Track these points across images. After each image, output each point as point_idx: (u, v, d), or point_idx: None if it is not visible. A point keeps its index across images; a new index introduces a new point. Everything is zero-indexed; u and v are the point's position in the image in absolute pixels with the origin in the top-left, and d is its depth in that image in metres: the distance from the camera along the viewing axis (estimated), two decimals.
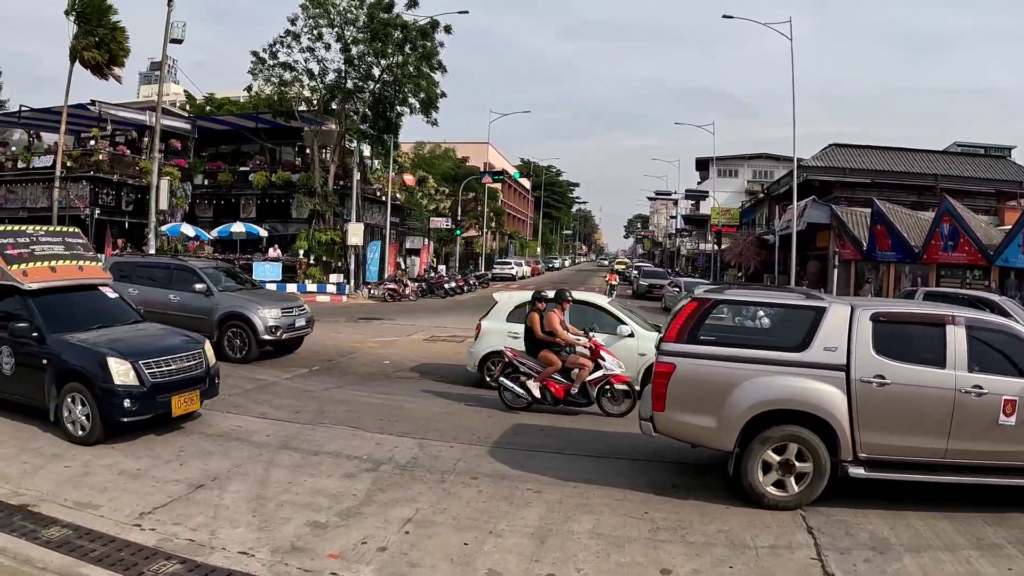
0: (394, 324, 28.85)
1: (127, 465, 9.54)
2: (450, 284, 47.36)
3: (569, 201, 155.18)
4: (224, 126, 47.44)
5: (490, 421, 12.69)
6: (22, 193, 40.68)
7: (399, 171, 53.73)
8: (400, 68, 40.75)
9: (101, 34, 35.76)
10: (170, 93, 70.34)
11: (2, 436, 10.82)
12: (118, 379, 10.12)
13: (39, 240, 12.19)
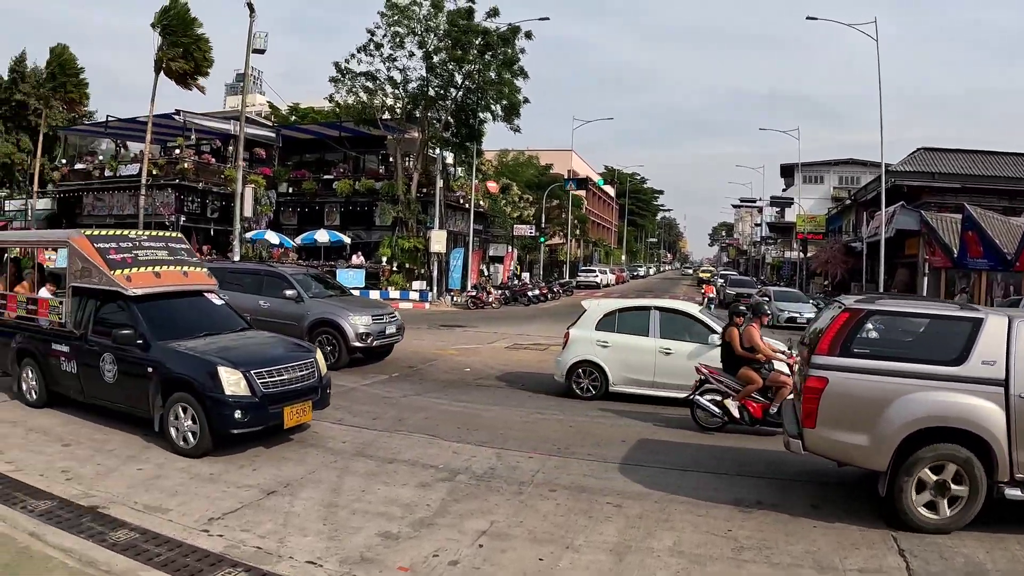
0: (476, 331, 28.77)
1: (200, 469, 9.57)
2: (534, 292, 47.04)
3: (653, 209, 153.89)
4: (308, 135, 48.23)
5: (570, 431, 12.48)
6: (109, 200, 41.88)
7: (482, 178, 53.70)
8: (481, 75, 41.05)
9: (185, 44, 36.93)
10: (256, 104, 71.68)
11: (79, 437, 10.98)
12: (229, 389, 9.82)
13: (142, 245, 12.21)
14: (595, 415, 13.79)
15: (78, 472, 9.26)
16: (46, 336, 12.18)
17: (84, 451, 10.26)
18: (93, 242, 11.59)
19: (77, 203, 43.51)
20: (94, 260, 11.35)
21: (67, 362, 11.67)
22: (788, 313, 32.61)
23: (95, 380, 11.18)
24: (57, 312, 11.89)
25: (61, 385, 12.02)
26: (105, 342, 10.90)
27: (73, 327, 11.55)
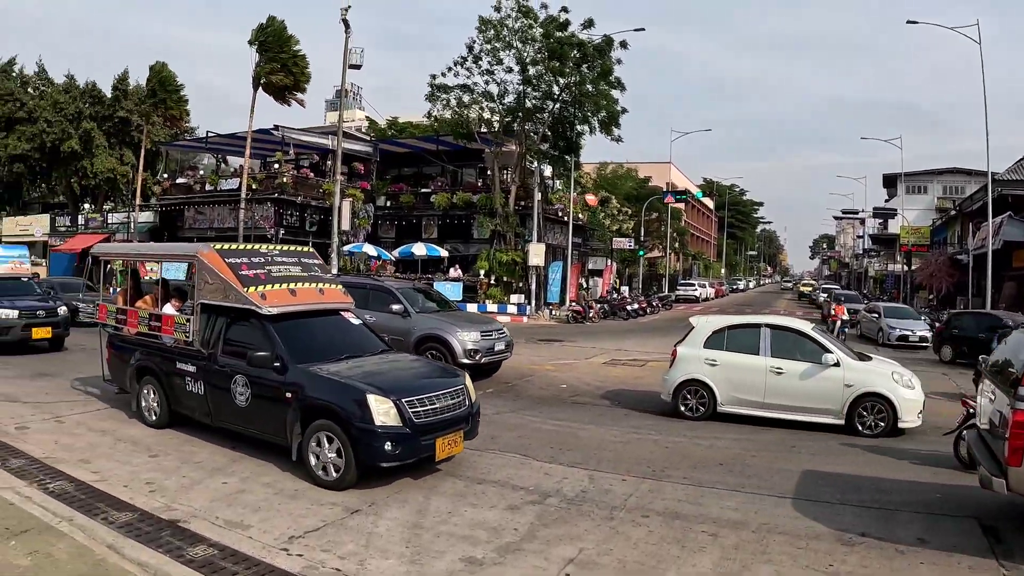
0: (574, 346, 28.14)
1: (285, 484, 9.43)
2: (633, 306, 46.06)
3: (753, 221, 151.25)
4: (406, 149, 48.22)
5: (666, 453, 11.94)
6: (210, 214, 42.93)
7: (581, 191, 52.99)
8: (578, 87, 40.35)
9: (283, 60, 37.49)
10: (355, 119, 72.32)
11: (167, 448, 10.96)
12: (379, 419, 9.01)
13: (274, 260, 11.63)
14: (692, 435, 13.19)
15: (162, 484, 9.23)
16: (170, 354, 11.63)
17: (171, 462, 10.22)
18: (224, 257, 11.02)
19: (179, 216, 44.59)
20: (225, 276, 10.74)
21: (193, 383, 11.11)
22: (899, 331, 30.77)
23: (225, 403, 10.58)
24: (184, 330, 11.30)
25: (185, 406, 11.50)
26: (236, 363, 10.35)
27: (201, 346, 10.96)
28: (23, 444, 10.94)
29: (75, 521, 7.72)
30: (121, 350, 12.86)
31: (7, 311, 20.21)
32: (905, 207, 67.22)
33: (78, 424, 12.43)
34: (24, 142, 57.78)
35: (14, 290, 21.76)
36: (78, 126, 56.13)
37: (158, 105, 46.57)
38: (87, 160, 56.68)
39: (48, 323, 20.91)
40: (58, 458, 10.21)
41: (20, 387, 15.81)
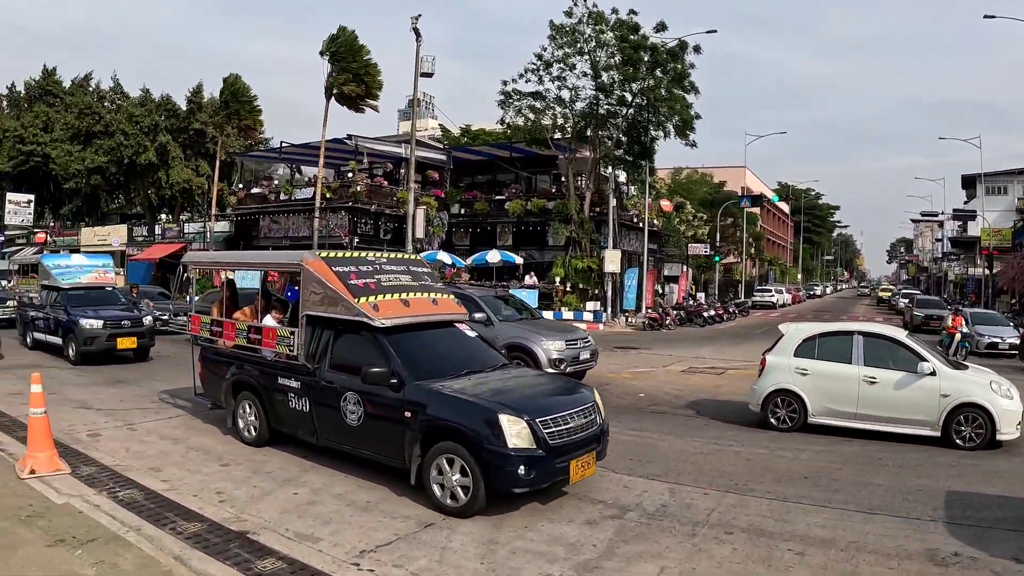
0: (651, 354, 27.39)
1: (357, 496, 9.27)
2: (709, 312, 45.31)
3: (829, 225, 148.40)
4: (479, 156, 47.92)
5: (748, 465, 11.45)
6: (285, 223, 43.24)
7: (656, 197, 52.32)
8: (652, 91, 39.59)
9: (355, 70, 37.63)
10: (428, 128, 72.66)
11: (238, 457, 10.95)
12: (511, 441, 8.30)
13: (383, 269, 10.97)
14: (775, 447, 12.66)
15: (232, 494, 9.20)
16: (270, 369, 11.07)
17: (241, 472, 10.19)
18: (331, 265, 10.40)
19: (253, 226, 45.03)
20: (334, 286, 10.11)
21: (296, 399, 10.51)
22: (988, 338, 29.09)
23: (333, 422, 9.94)
24: (287, 343, 10.67)
25: (287, 424, 10.93)
26: (347, 379, 9.71)
27: (306, 360, 10.33)
28: (94, 451, 11.03)
29: (143, 531, 7.71)
30: (215, 364, 12.40)
31: (92, 321, 20.32)
32: (985, 208, 65.38)
33: (150, 432, 12.52)
34: (102, 155, 59.19)
35: (99, 300, 21.94)
36: (154, 139, 57.33)
37: (232, 117, 47.21)
38: (163, 172, 57.90)
39: (133, 333, 20.91)
40: (128, 466, 10.29)
41: (95, 394, 16.05)
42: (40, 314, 22.59)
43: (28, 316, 23.60)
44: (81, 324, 20.21)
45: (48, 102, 70.69)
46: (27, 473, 9.44)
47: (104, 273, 23.28)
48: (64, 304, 21.35)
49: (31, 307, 23.89)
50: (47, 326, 21.99)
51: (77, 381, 17.83)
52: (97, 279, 22.84)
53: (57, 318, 21.36)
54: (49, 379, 16.78)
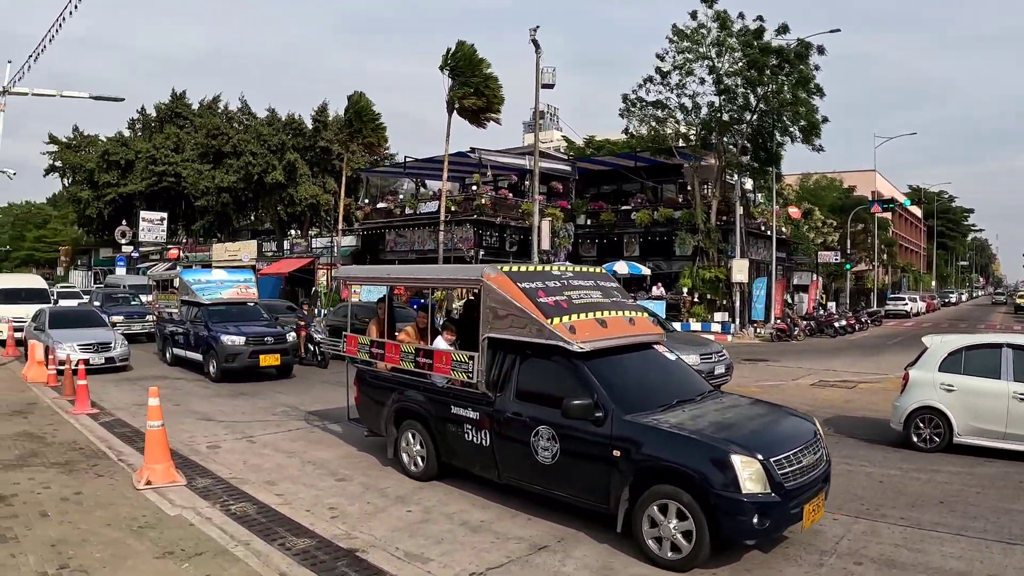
0: (780, 366, 26.44)
1: (471, 515, 9.06)
2: (840, 322, 43.59)
3: (964, 229, 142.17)
4: (604, 166, 47.31)
5: (880, 488, 10.83)
6: (410, 237, 43.48)
7: (783, 204, 50.70)
8: (776, 96, 38.54)
9: (475, 84, 37.74)
10: (552, 140, 72.88)
11: (354, 472, 10.91)
12: (745, 484, 7.17)
13: (571, 284, 9.78)
14: (908, 468, 11.93)
15: (345, 510, 9.17)
16: (442, 397, 10.00)
17: (356, 488, 10.14)
18: (516, 281, 9.24)
19: (380, 240, 45.44)
20: (521, 304, 8.95)
21: (474, 432, 9.42)
22: None
23: (520, 459, 8.83)
24: (464, 369, 9.53)
25: (460, 458, 9.89)
26: (537, 411, 8.66)
27: (487, 389, 9.20)
28: (212, 463, 11.26)
29: (251, 545, 7.72)
30: (374, 388, 11.46)
31: (234, 337, 19.92)
32: None
33: (268, 445, 12.68)
34: (231, 174, 61.12)
35: (240, 316, 21.64)
36: (282, 157, 58.90)
37: (356, 134, 47.91)
38: (291, 189, 59.39)
39: (276, 350, 20.43)
40: (244, 479, 10.44)
41: (218, 406, 16.42)
42: (180, 329, 22.51)
43: (167, 331, 23.52)
44: (223, 341, 19.82)
45: (178, 124, 73.27)
46: (143, 484, 9.62)
47: (246, 288, 23.08)
48: (205, 320, 21.06)
49: (170, 322, 23.73)
50: (187, 342, 21.80)
51: (202, 393, 18.25)
52: (238, 294, 22.70)
53: (198, 334, 21.08)
54: (174, 391, 18.29)
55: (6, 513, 8.57)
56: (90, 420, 14.21)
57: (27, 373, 19.72)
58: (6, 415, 14.66)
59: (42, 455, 11.37)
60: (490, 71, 38.57)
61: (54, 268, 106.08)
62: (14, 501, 9.02)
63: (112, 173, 71.64)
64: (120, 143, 73.78)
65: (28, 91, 23.62)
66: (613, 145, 55.76)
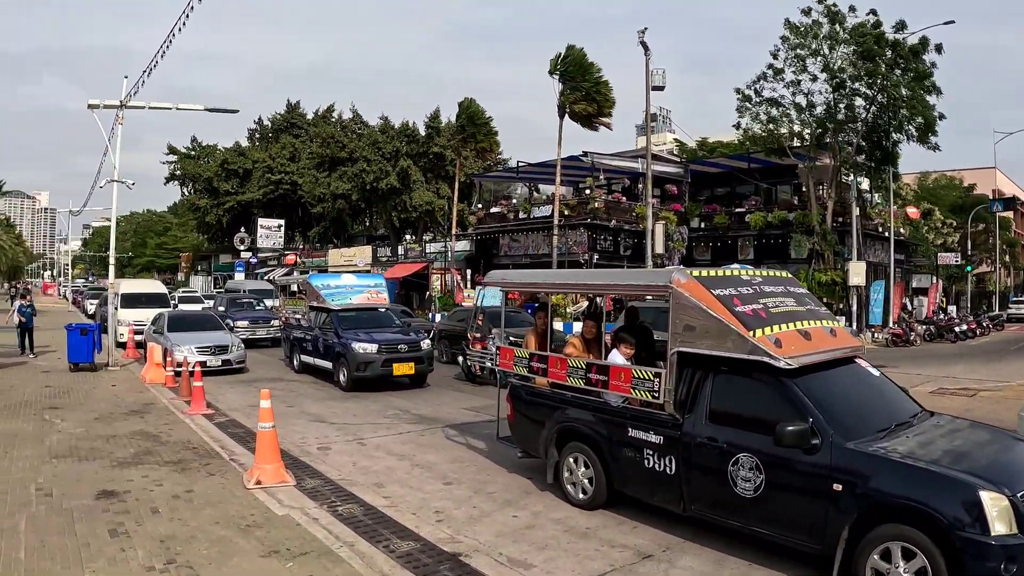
0: (898, 372, 23.98)
1: (577, 522, 8.90)
2: (961, 327, 41.93)
3: None
4: (717, 168, 46.68)
5: None
6: (524, 241, 43.41)
7: (900, 204, 49.23)
8: (892, 92, 37.38)
9: (585, 88, 37.43)
10: (665, 142, 72.63)
11: (462, 476, 10.91)
12: (995, 525, 6.10)
13: (764, 291, 8.70)
14: None
15: (451, 514, 9.11)
16: (618, 418, 9.02)
17: (463, 491, 10.09)
18: (709, 287, 8.22)
19: (494, 244, 45.57)
20: (718, 314, 7.90)
21: (657, 458, 8.40)
22: None
23: (714, 490, 7.81)
24: (648, 387, 8.52)
25: (636, 485, 8.89)
26: (734, 436, 7.69)
27: (675, 410, 8.23)
28: (322, 465, 11.40)
29: (356, 547, 7.72)
30: (532, 406, 10.43)
31: (366, 345, 19.15)
32: None
33: (378, 447, 12.74)
34: (346, 181, 62.67)
35: (371, 322, 20.87)
36: (396, 164, 60.11)
37: (469, 140, 47.84)
38: (406, 195, 60.61)
39: (411, 358, 19.45)
40: (353, 480, 10.54)
41: (330, 408, 16.67)
42: (308, 336, 21.92)
43: (295, 338, 22.94)
44: (354, 348, 19.03)
45: (293, 134, 75.40)
46: (253, 483, 9.80)
47: (377, 294, 22.28)
48: (335, 326, 20.28)
49: (298, 329, 23.32)
50: (316, 349, 21.20)
51: (315, 395, 18.57)
52: (369, 300, 21.92)
53: (327, 341, 20.40)
54: (288, 393, 18.71)
55: (119, 509, 8.83)
56: (205, 420, 14.62)
57: (146, 374, 20.26)
58: (124, 414, 15.10)
59: (156, 453, 11.69)
60: (600, 75, 38.17)
61: (175, 273, 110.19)
62: (127, 497, 9.28)
63: (231, 182, 74.26)
64: (238, 153, 76.43)
65: (145, 105, 24.07)
66: (725, 147, 54.88)
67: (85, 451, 11.83)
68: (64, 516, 8.56)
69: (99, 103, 23.77)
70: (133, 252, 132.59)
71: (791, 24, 38.75)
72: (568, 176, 43.29)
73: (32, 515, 8.59)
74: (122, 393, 18.06)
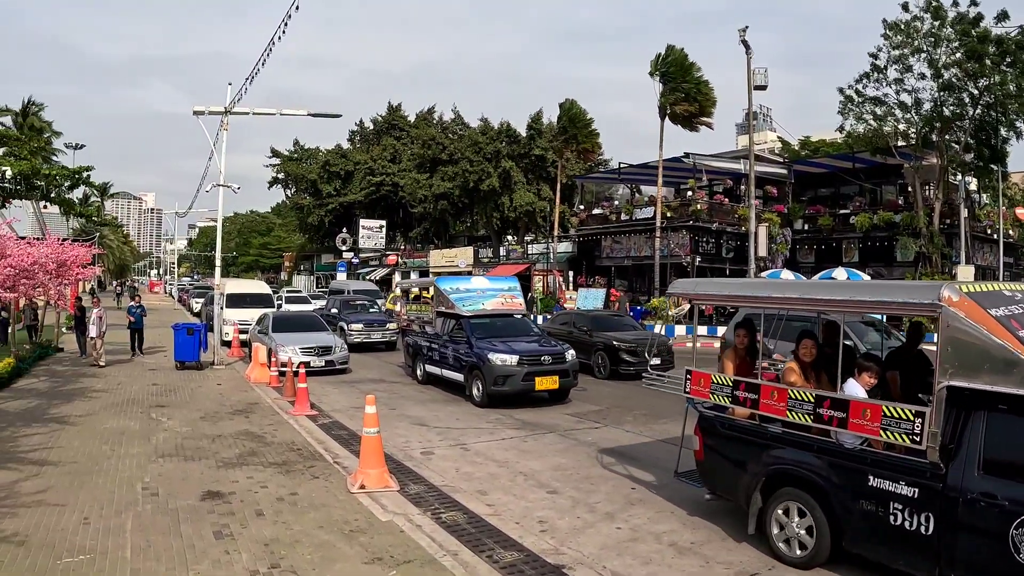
0: None
1: (681, 536, 8.54)
2: None
3: None
4: (820, 168, 45.54)
5: None
6: (626, 243, 43.52)
7: (1009, 205, 47.12)
8: (1000, 88, 35.56)
9: (686, 88, 37.66)
10: (766, 141, 71.79)
11: (565, 485, 10.64)
12: None
13: None
14: None
15: (554, 524, 8.91)
16: (853, 463, 7.48)
17: (566, 501, 9.84)
18: (984, 306, 6.73)
19: (596, 246, 45.69)
20: (1001, 339, 6.45)
21: (907, 513, 6.90)
22: None
23: (987, 556, 6.33)
24: (905, 429, 6.99)
25: (875, 545, 7.31)
26: (1018, 492, 6.24)
27: (939, 457, 6.74)
28: (425, 470, 11.32)
29: (459, 556, 7.59)
30: (731, 442, 8.90)
31: (504, 356, 17.10)
32: None
33: (480, 453, 12.56)
34: (447, 182, 63.78)
35: (507, 330, 18.99)
36: (497, 165, 60.91)
37: (570, 141, 48.05)
38: (506, 196, 61.41)
39: (555, 371, 17.31)
40: (456, 487, 10.42)
41: (432, 411, 16.53)
42: (435, 345, 20.10)
43: (419, 346, 21.18)
44: (491, 360, 17.04)
45: (395, 135, 76.80)
46: (357, 488, 9.78)
47: (512, 298, 20.21)
48: (467, 335, 18.37)
49: (422, 336, 21.63)
50: (444, 359, 19.38)
51: (418, 398, 18.37)
52: (503, 305, 19.86)
53: (458, 351, 18.55)
54: (391, 395, 18.67)
55: (224, 510, 8.90)
56: (308, 422, 14.69)
57: (250, 374, 20.65)
58: (229, 414, 15.34)
59: (261, 454, 11.79)
60: (700, 75, 38.24)
61: (278, 273, 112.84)
62: (232, 499, 9.37)
63: (333, 183, 75.89)
64: (339, 155, 78.10)
65: (249, 111, 24.51)
66: (829, 146, 53.55)
67: (191, 450, 12.08)
68: (169, 516, 8.71)
69: (204, 109, 24.41)
70: (237, 252, 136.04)
71: (891, 24, 37.54)
72: (669, 177, 42.95)
73: (138, 514, 8.75)
74: (227, 392, 18.53)
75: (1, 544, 7.67)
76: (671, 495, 9.86)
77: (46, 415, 15.09)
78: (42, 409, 15.76)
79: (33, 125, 56.43)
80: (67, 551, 7.53)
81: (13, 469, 10.68)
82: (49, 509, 8.88)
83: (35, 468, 10.78)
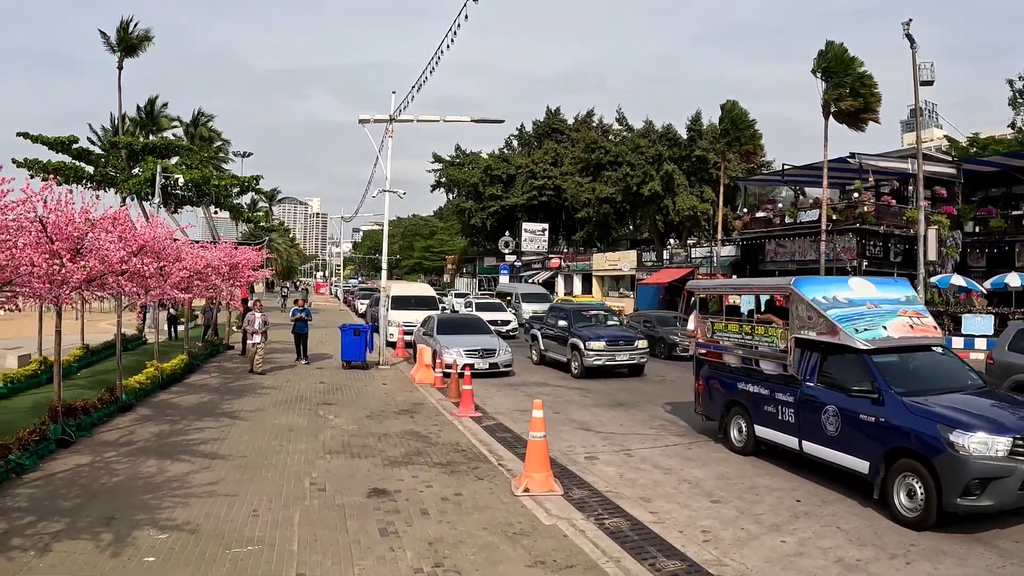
0: None
1: (846, 552, 8.47)
2: None
3: None
4: (991, 167, 44.21)
5: None
6: (790, 247, 43.50)
7: None
8: None
9: (849, 84, 37.16)
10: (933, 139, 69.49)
11: (729, 494, 10.75)
12: None
13: None
14: None
15: (718, 534, 8.98)
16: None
17: (730, 511, 9.93)
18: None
19: (759, 250, 45.70)
20: None
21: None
22: None
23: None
24: None
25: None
26: None
27: None
28: (589, 475, 11.58)
29: (622, 563, 7.76)
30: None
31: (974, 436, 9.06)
32: None
33: (644, 459, 12.79)
34: (609, 185, 65.10)
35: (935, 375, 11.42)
36: (659, 168, 61.77)
37: (733, 143, 48.70)
38: (668, 199, 62.22)
39: None
40: (619, 493, 10.62)
41: (596, 416, 16.93)
42: (781, 392, 12.40)
43: (746, 391, 13.48)
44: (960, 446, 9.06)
45: (555, 139, 79.02)
46: (521, 491, 10.11)
47: (919, 317, 12.22)
48: (878, 383, 10.48)
49: (746, 377, 13.60)
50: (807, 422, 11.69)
51: (581, 402, 18.76)
52: (912, 330, 11.83)
53: (857, 414, 10.63)
54: (555, 399, 19.01)
55: (389, 508, 9.34)
56: (473, 423, 15.21)
57: (415, 375, 21.62)
58: (395, 413, 16.10)
59: (426, 454, 12.32)
60: (864, 69, 37.62)
61: (440, 275, 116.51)
62: (397, 497, 9.81)
63: (495, 187, 78.52)
64: (501, 159, 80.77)
65: (413, 118, 25.64)
66: (999, 143, 52.37)
67: (357, 448, 12.74)
68: (336, 512, 9.18)
69: (369, 118, 25.83)
70: (401, 255, 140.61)
71: None
72: (834, 178, 42.58)
73: (306, 508, 9.27)
74: (392, 392, 19.38)
75: (174, 532, 8.32)
76: (836, 510, 9.92)
77: (217, 410, 16.28)
78: (213, 404, 17.05)
79: (203, 135, 61.18)
80: (236, 541, 8.12)
81: (186, 461, 11.52)
82: (220, 500, 9.56)
83: (207, 461, 11.62)
